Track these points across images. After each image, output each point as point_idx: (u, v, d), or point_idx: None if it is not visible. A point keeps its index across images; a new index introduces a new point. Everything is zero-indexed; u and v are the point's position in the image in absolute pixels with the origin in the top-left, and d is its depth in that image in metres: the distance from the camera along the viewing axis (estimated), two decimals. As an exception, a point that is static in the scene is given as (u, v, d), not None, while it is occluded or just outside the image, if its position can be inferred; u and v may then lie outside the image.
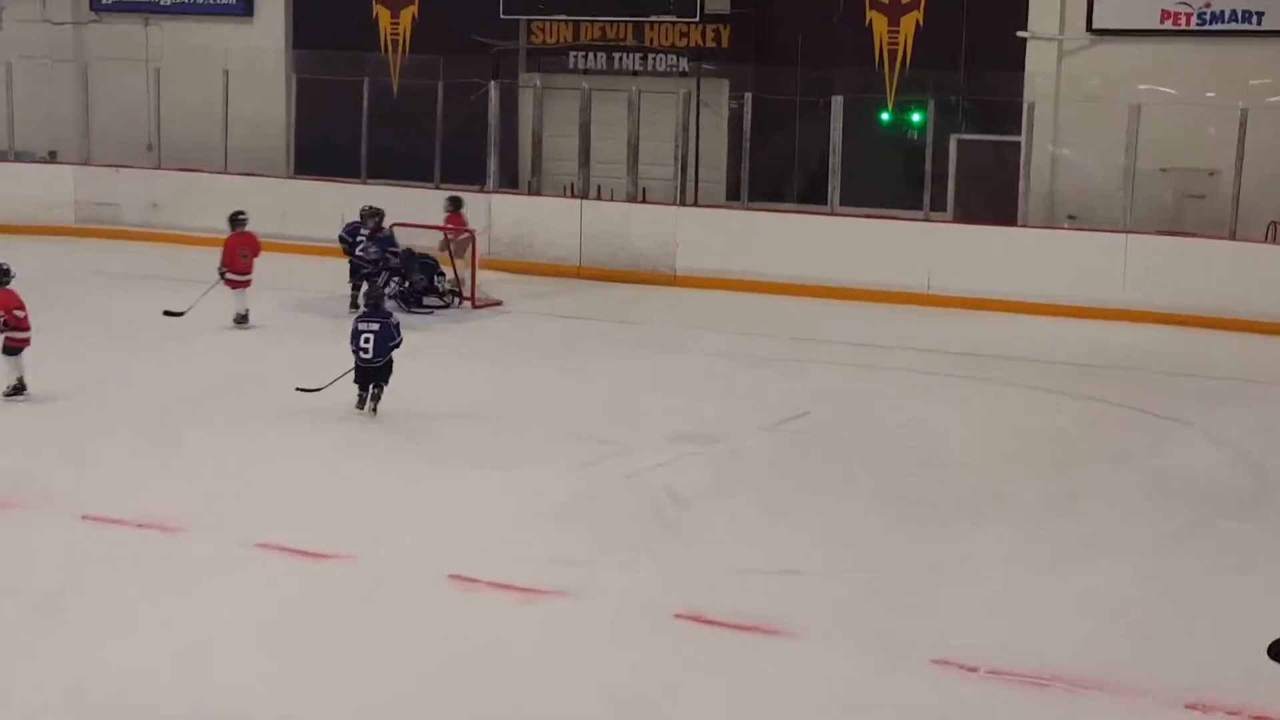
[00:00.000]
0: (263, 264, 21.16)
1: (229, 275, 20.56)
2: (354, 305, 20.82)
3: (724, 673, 10.26)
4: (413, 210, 23.25)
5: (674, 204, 25.76)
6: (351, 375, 16.01)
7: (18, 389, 16.21)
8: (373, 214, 20.85)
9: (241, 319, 20.54)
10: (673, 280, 24.59)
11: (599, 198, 26.06)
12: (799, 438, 16.21)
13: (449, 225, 22.91)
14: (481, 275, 22.59)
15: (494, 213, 25.32)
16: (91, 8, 30.83)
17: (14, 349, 16.16)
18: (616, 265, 24.97)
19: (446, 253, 22.47)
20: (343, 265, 22.29)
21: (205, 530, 12.65)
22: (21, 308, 16.09)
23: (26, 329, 16.13)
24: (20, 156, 28.56)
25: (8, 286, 16.17)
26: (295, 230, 25.69)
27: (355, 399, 16.14)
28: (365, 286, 19.99)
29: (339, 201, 25.41)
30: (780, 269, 24.04)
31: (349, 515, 13.15)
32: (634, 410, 16.90)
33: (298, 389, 16.22)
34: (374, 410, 16.15)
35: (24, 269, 17.15)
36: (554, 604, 11.31)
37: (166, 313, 19.79)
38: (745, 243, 24.52)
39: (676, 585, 11.72)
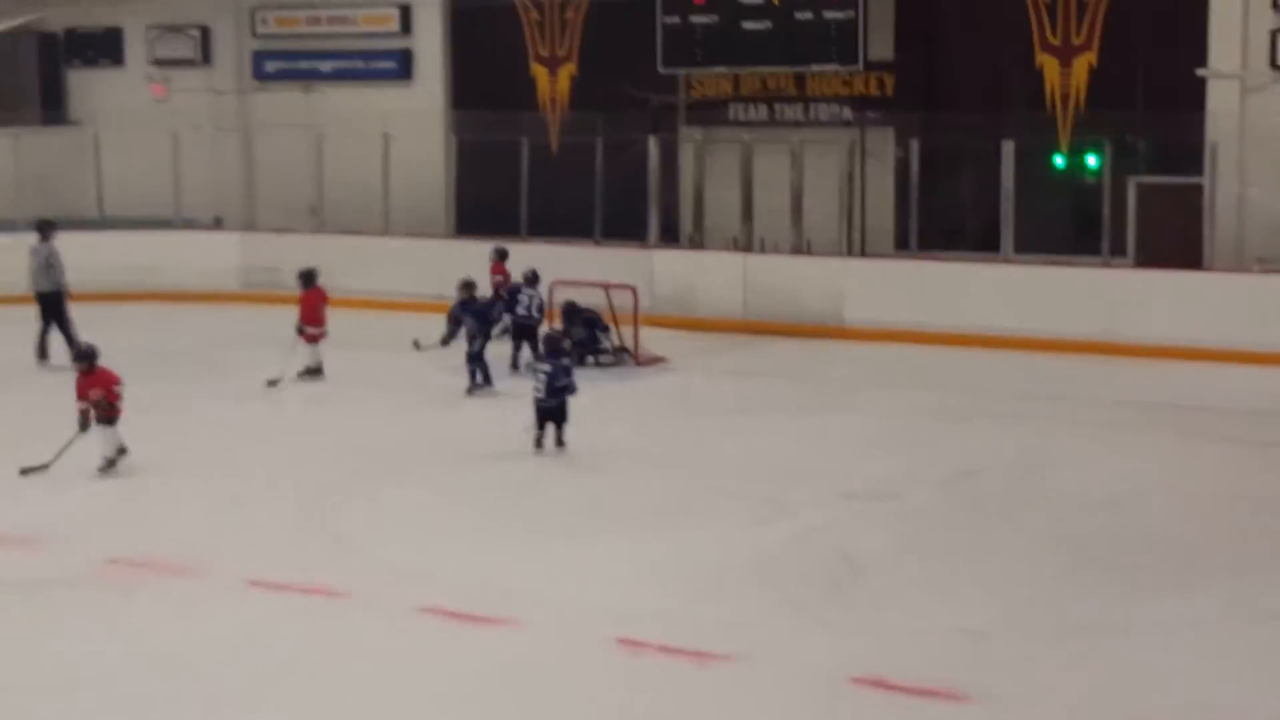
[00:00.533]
0: (422, 324, 21.20)
1: (308, 330, 20.97)
2: (514, 366, 21.09)
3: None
4: (573, 268, 23.10)
5: (840, 255, 25.43)
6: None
7: (112, 461, 16.18)
8: (465, 286, 20.66)
9: (315, 371, 20.92)
10: (840, 333, 24.21)
11: (763, 251, 25.79)
12: (975, 495, 15.80)
13: (494, 273, 23.45)
14: (644, 332, 22.39)
15: (655, 268, 25.10)
16: (255, 76, 31.23)
17: (110, 419, 16.13)
18: (782, 319, 24.61)
19: (609, 309, 22.29)
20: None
21: (369, 596, 12.60)
22: (119, 382, 16.22)
23: (117, 402, 16.17)
24: (187, 224, 28.94)
25: (103, 366, 16.24)
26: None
27: (533, 442, 16.76)
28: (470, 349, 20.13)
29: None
30: (951, 319, 23.56)
31: (513, 576, 13.06)
32: (803, 468, 16.58)
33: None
34: (560, 444, 16.85)
35: (189, 337, 17.38)
36: (726, 668, 11.07)
37: (270, 382, 19.90)
38: (915, 293, 24.11)
39: (852, 648, 11.44)
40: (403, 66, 30.05)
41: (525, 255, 25.30)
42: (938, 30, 26.33)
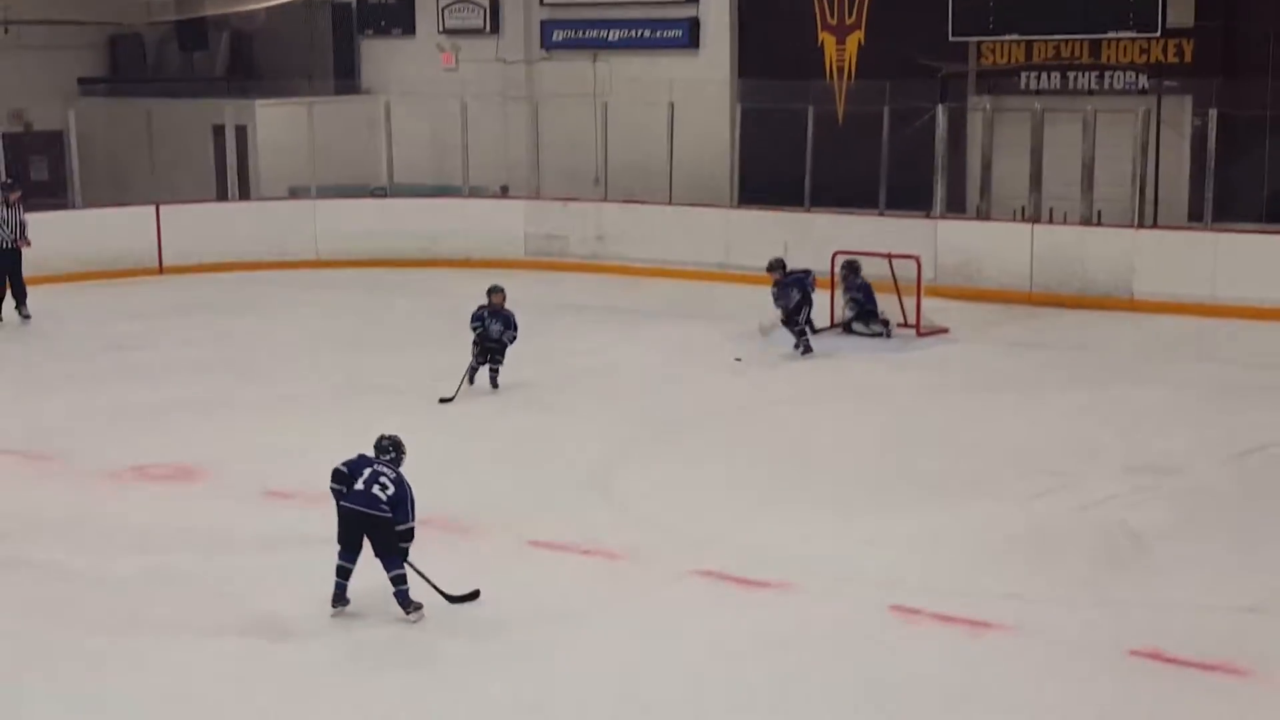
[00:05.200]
0: (706, 294, 21.42)
1: None
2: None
3: (1183, 713, 10.04)
4: (856, 238, 23.30)
5: (1131, 226, 25.11)
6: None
7: None
8: (495, 290, 19.17)
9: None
10: (1130, 305, 23.92)
11: (1051, 221, 25.59)
12: (1263, 472, 15.59)
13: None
14: (926, 303, 22.42)
15: (940, 238, 25.08)
16: (542, 46, 31.70)
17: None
18: (1069, 290, 24.40)
19: (892, 280, 22.36)
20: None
21: (647, 559, 12.92)
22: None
23: None
24: (474, 192, 29.57)
25: None
26: (739, 260, 25.91)
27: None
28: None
29: (782, 231, 25.61)
30: (1246, 292, 23.13)
31: (787, 543, 13.22)
32: (1087, 442, 16.52)
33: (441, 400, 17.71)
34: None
35: (468, 304, 17.94)
36: (1002, 639, 11.17)
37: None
38: (1209, 265, 23.67)
39: (1130, 621, 11.45)
40: (690, 35, 30.23)
41: (808, 225, 25.61)
42: (1238, -7, 25.84)
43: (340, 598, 11.22)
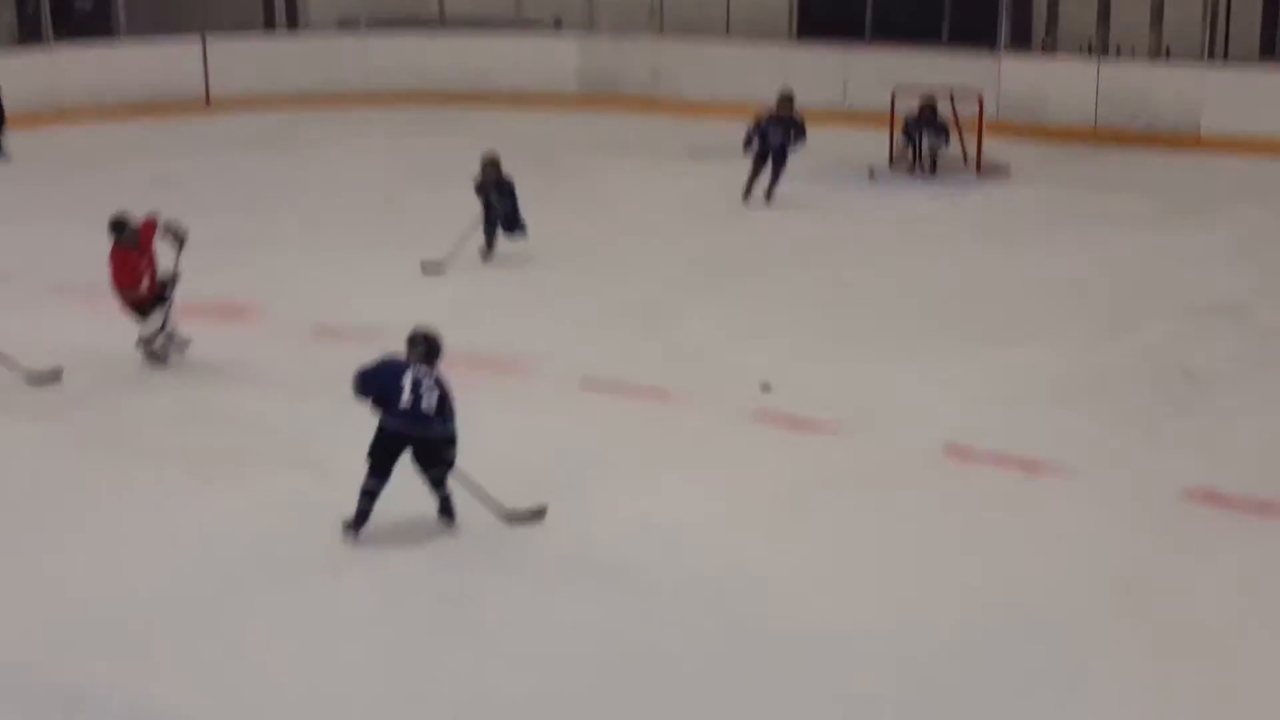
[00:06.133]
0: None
1: None
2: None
3: (1235, 552, 10.09)
4: (917, 73, 23.09)
5: (1201, 61, 24.85)
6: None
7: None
8: (490, 162, 17.41)
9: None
10: (1196, 143, 23.74)
11: (1118, 55, 25.33)
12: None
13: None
14: (988, 141, 22.30)
15: (1003, 74, 24.85)
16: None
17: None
18: (1134, 128, 24.22)
19: (953, 116, 22.23)
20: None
21: (701, 402, 12.95)
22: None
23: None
24: (526, 26, 29.37)
25: None
26: (799, 95, 25.72)
27: None
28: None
29: (841, 67, 25.51)
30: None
31: (844, 386, 13.25)
32: (1150, 282, 16.54)
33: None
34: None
35: (529, 141, 17.85)
36: (1056, 480, 11.27)
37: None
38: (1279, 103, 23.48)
39: (1187, 462, 11.52)
40: None
41: (868, 61, 25.39)
42: None
43: (362, 523, 9.98)
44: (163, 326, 13.66)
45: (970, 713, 8.09)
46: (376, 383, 9.93)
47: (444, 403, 9.95)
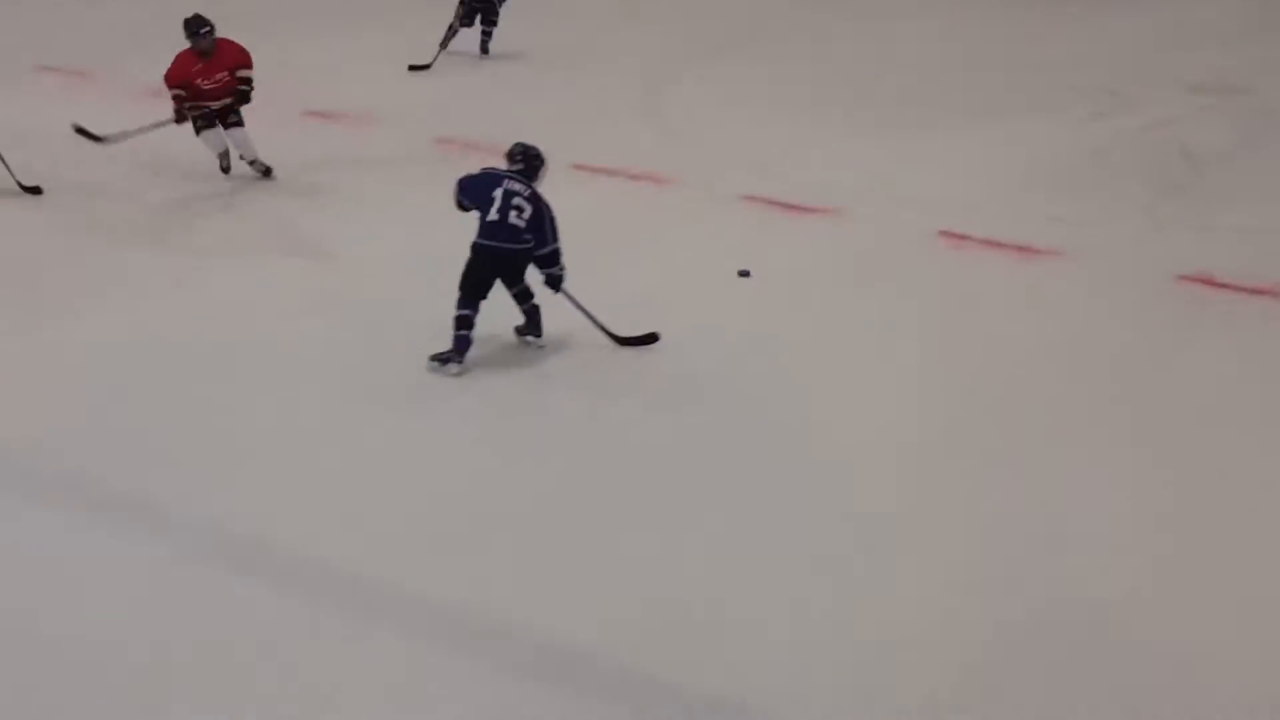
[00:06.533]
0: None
1: None
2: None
3: (1226, 334, 10.11)
4: None
5: None
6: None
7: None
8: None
9: None
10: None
11: None
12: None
13: None
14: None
15: None
16: None
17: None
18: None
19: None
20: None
21: (696, 183, 12.94)
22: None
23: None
24: None
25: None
26: None
27: None
28: None
29: None
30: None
31: (839, 168, 13.23)
32: (1149, 60, 16.42)
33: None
34: None
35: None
36: (1051, 263, 11.27)
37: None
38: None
39: (1182, 245, 11.51)
40: None
41: None
42: None
43: (463, 351, 9.38)
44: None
45: (954, 488, 8.05)
46: (471, 192, 9.55)
47: (539, 215, 9.46)
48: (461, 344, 9.37)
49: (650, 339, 9.85)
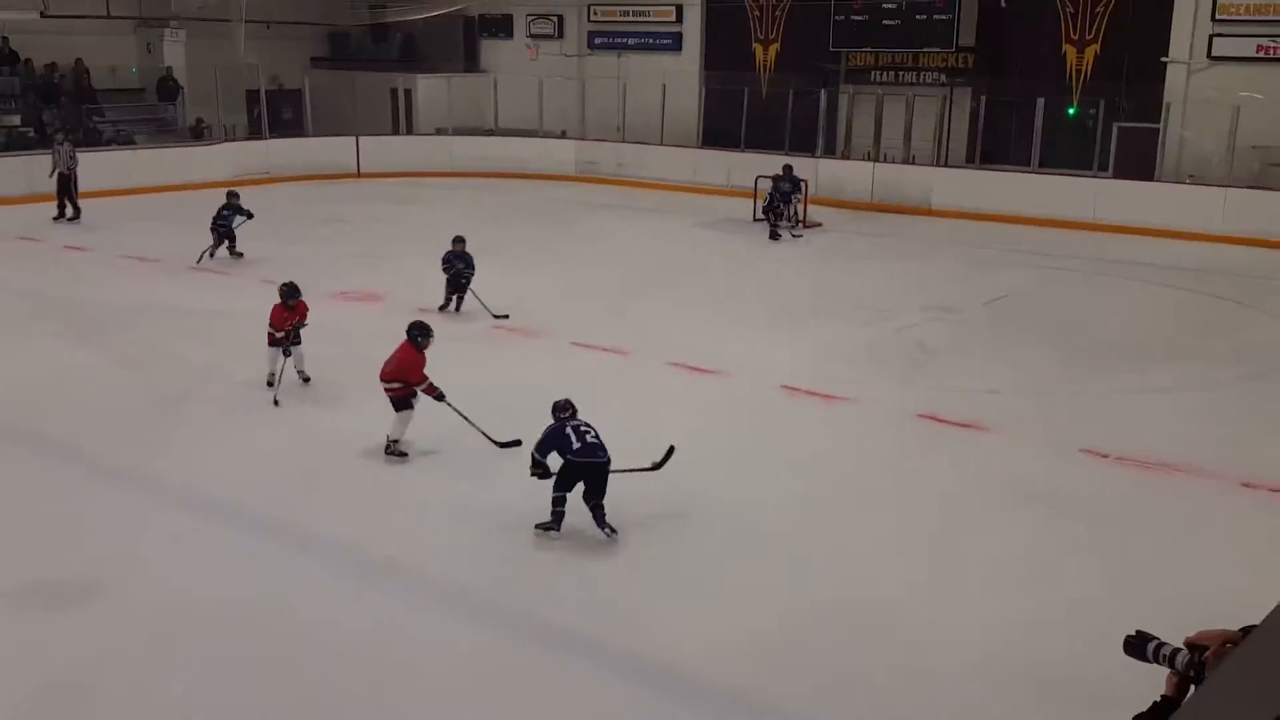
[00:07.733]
0: (681, 200, 20.94)
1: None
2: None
3: (947, 450, 10.11)
4: (771, 167, 22.71)
5: (932, 164, 24.80)
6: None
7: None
8: (458, 239, 15.02)
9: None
10: (929, 212, 23.69)
11: (885, 160, 25.26)
12: (1003, 310, 15.53)
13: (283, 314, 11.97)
14: (811, 208, 22.16)
15: (819, 169, 24.64)
16: (588, 46, 31.05)
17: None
18: (894, 201, 24.15)
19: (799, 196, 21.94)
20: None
21: (643, 355, 12.88)
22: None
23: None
24: (546, 134, 29.15)
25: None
26: (702, 178, 25.77)
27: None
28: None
29: (729, 162, 25.38)
30: (1001, 205, 22.93)
31: (724, 348, 13.16)
32: (900, 291, 16.42)
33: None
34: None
35: (542, 201, 17.57)
36: (843, 406, 11.24)
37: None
38: (979, 189, 23.44)
39: (919, 397, 11.50)
40: (676, 42, 29.52)
41: (743, 159, 25.22)
42: (1002, 27, 25.16)
43: (558, 525, 8.12)
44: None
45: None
46: (551, 445, 8.17)
47: (599, 437, 8.18)
48: (557, 519, 8.14)
49: (668, 455, 8.57)
